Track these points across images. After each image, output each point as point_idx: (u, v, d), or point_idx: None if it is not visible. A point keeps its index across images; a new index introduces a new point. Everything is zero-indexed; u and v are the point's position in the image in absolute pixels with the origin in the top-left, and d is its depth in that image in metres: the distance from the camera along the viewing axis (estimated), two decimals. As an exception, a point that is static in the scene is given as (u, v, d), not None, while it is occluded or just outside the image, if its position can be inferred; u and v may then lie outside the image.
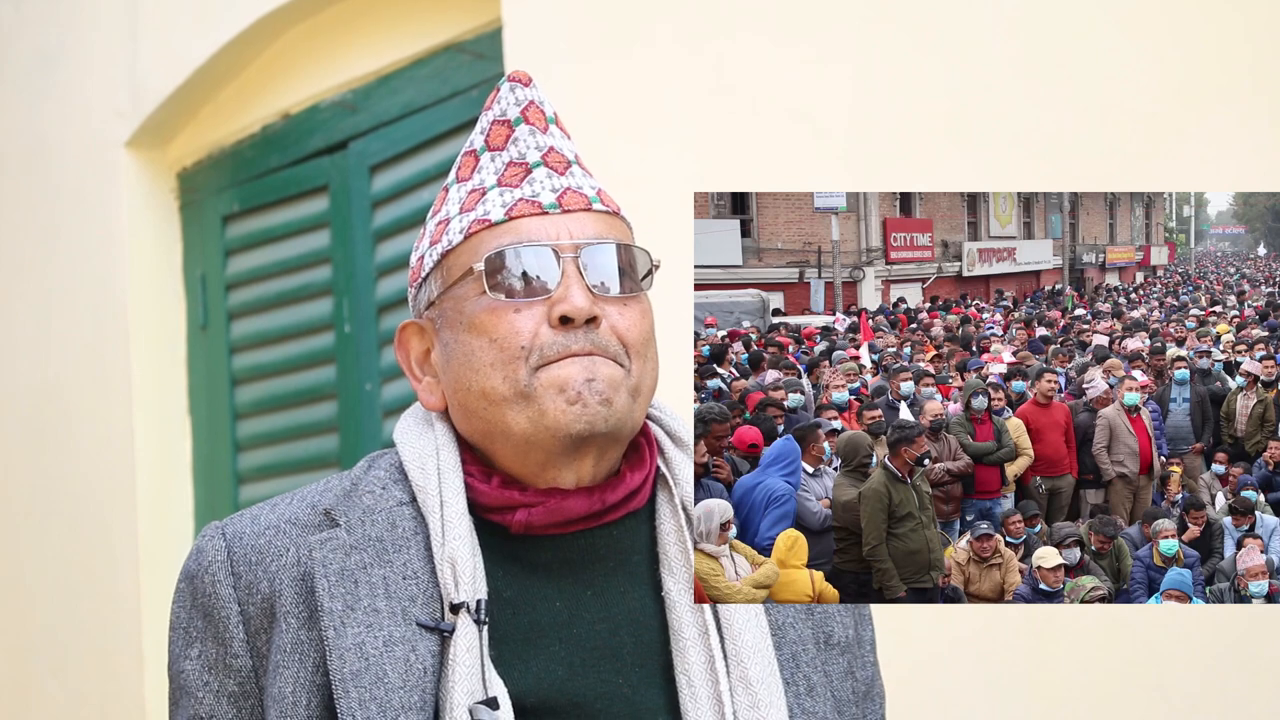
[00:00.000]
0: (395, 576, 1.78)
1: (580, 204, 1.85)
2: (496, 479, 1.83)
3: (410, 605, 1.77)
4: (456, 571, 1.76)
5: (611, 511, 1.84)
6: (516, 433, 1.80)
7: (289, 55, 5.07)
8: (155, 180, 5.46)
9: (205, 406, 5.39)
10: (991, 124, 3.50)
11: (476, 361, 1.81)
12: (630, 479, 1.85)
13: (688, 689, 1.79)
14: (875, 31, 3.67)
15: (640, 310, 1.84)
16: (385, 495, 1.83)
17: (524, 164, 1.86)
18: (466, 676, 1.73)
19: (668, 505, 1.87)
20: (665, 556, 1.84)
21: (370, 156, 4.87)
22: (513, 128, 1.89)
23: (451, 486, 1.81)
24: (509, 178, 1.86)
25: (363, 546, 1.79)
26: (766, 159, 3.82)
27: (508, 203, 1.85)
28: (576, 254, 1.81)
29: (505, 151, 1.88)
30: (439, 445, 1.84)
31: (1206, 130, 3.26)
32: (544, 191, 1.85)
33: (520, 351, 1.79)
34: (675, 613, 1.82)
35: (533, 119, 1.89)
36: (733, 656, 1.80)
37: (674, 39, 3.97)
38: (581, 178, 1.88)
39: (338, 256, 4.99)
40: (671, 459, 1.89)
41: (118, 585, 5.35)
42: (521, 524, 1.82)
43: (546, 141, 1.88)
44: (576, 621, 1.80)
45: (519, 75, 1.92)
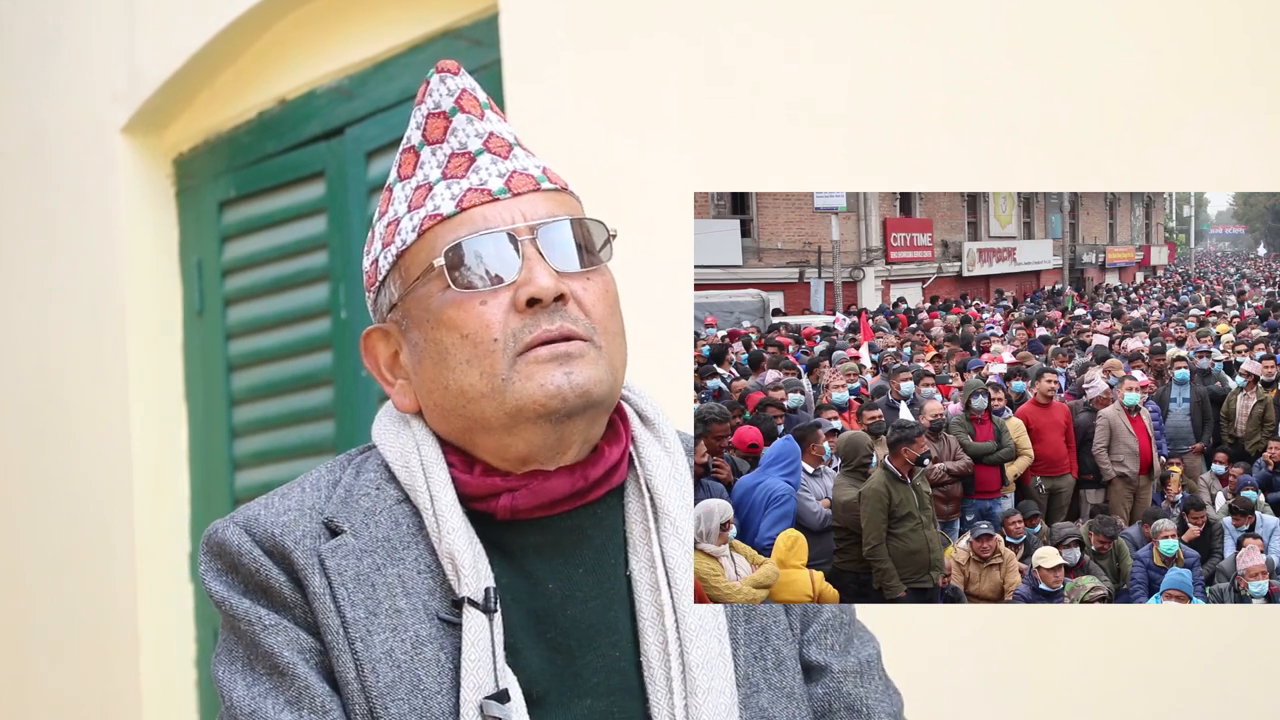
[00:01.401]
0: (410, 573, 1.78)
1: (529, 185, 1.84)
2: (478, 468, 1.82)
3: (430, 599, 1.76)
4: (457, 565, 1.76)
5: (594, 489, 1.83)
6: (498, 426, 1.79)
7: (285, 41, 5.06)
8: (152, 166, 5.44)
9: (201, 392, 5.38)
10: (991, 118, 3.49)
11: (451, 359, 1.80)
12: (609, 454, 1.85)
13: (647, 670, 1.79)
14: (875, 25, 3.65)
15: (603, 284, 1.84)
16: (381, 495, 1.82)
17: (466, 153, 1.85)
18: (474, 669, 1.73)
19: (633, 485, 1.86)
20: (630, 536, 1.84)
21: (366, 142, 4.86)
22: (449, 118, 1.87)
23: (438, 480, 1.81)
24: (453, 169, 1.85)
25: (372, 549, 1.79)
26: (766, 157, 3.80)
27: (456, 194, 1.83)
28: (534, 235, 1.81)
29: (445, 143, 1.86)
30: (418, 441, 1.84)
31: (1206, 130, 3.25)
32: (491, 178, 1.84)
33: (494, 344, 1.78)
34: (637, 592, 1.82)
35: (468, 107, 1.88)
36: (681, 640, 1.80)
37: (672, 26, 3.95)
38: (525, 159, 1.87)
39: (334, 242, 4.98)
40: (639, 438, 1.88)
41: (114, 572, 5.34)
42: (507, 509, 1.81)
43: (485, 128, 1.87)
44: (571, 602, 1.80)
45: (447, 65, 1.91)
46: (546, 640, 1.79)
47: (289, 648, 1.76)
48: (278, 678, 1.76)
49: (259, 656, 1.78)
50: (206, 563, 1.83)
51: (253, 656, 1.78)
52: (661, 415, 1.91)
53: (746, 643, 1.84)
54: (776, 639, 1.85)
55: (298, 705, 1.74)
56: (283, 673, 1.76)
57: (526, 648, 1.78)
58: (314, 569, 1.77)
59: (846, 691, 1.89)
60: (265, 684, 1.76)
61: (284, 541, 1.79)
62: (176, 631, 5.34)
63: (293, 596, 1.78)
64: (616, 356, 1.83)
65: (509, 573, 1.80)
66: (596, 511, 1.84)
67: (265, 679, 1.76)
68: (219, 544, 1.82)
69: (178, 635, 5.35)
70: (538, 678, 1.77)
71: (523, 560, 1.81)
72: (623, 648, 1.80)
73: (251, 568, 1.80)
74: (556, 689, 1.77)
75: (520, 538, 1.81)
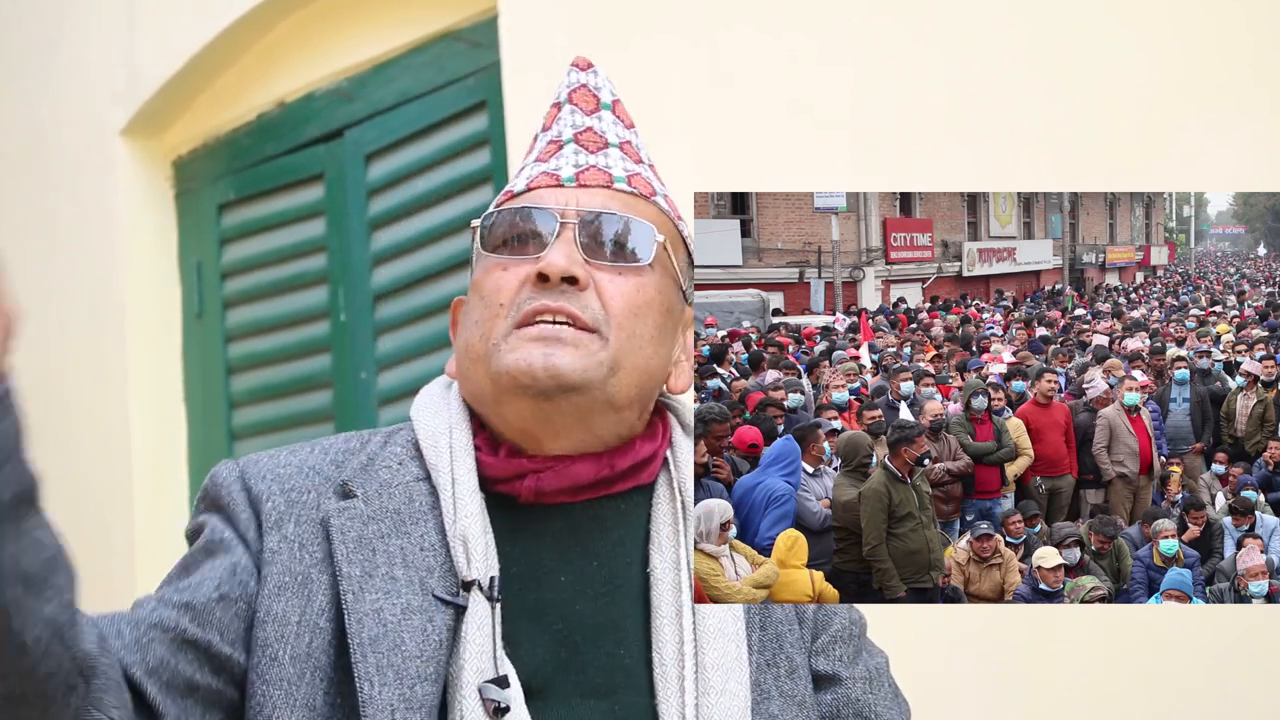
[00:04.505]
0: (413, 548, 1.78)
1: (600, 180, 1.88)
2: (504, 449, 1.83)
3: (428, 576, 1.76)
4: (469, 548, 1.76)
5: (620, 481, 1.84)
6: (488, 393, 1.82)
7: (285, 43, 5.06)
8: (151, 168, 5.44)
9: (201, 395, 5.38)
10: (991, 118, 3.49)
11: (469, 319, 1.85)
12: (640, 448, 1.85)
13: (659, 667, 1.79)
14: (875, 25, 3.65)
15: (636, 284, 1.84)
16: (402, 470, 1.83)
17: (558, 141, 1.92)
18: (477, 654, 1.73)
19: (666, 487, 1.87)
20: (656, 534, 1.84)
21: (366, 145, 4.86)
22: (559, 108, 1.96)
23: (463, 465, 1.81)
24: (544, 154, 1.92)
25: (380, 518, 1.79)
26: (766, 157, 3.80)
27: (531, 175, 1.90)
28: (577, 220, 1.83)
29: (550, 131, 1.94)
30: (452, 424, 1.85)
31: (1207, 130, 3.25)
32: (565, 166, 1.89)
33: (499, 309, 1.81)
34: (657, 590, 1.81)
35: (578, 100, 1.95)
36: (698, 641, 1.80)
37: (672, 28, 3.96)
38: (616, 159, 1.91)
39: (333, 245, 4.98)
40: (678, 445, 1.90)
41: (112, 573, 5.33)
42: (531, 490, 1.82)
43: (585, 122, 1.93)
44: (581, 597, 1.80)
45: (578, 61, 1.99)
46: (551, 632, 1.78)
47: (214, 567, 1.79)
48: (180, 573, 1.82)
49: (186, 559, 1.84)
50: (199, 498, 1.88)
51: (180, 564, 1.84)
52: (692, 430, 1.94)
53: (760, 649, 1.84)
54: (790, 647, 1.86)
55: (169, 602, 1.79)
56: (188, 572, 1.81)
57: (528, 639, 1.78)
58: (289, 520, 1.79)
59: (855, 698, 1.89)
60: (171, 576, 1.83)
61: (269, 487, 1.82)
62: (177, 634, 5.34)
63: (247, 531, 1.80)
64: (631, 357, 1.82)
65: (521, 560, 1.80)
66: (620, 505, 1.85)
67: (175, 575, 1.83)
68: (211, 476, 1.87)
69: (178, 637, 5.35)
70: (538, 670, 1.76)
71: (538, 548, 1.81)
72: (629, 646, 1.80)
73: (224, 500, 1.83)
74: (558, 684, 1.77)
75: (540, 522, 1.82)
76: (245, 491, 1.83)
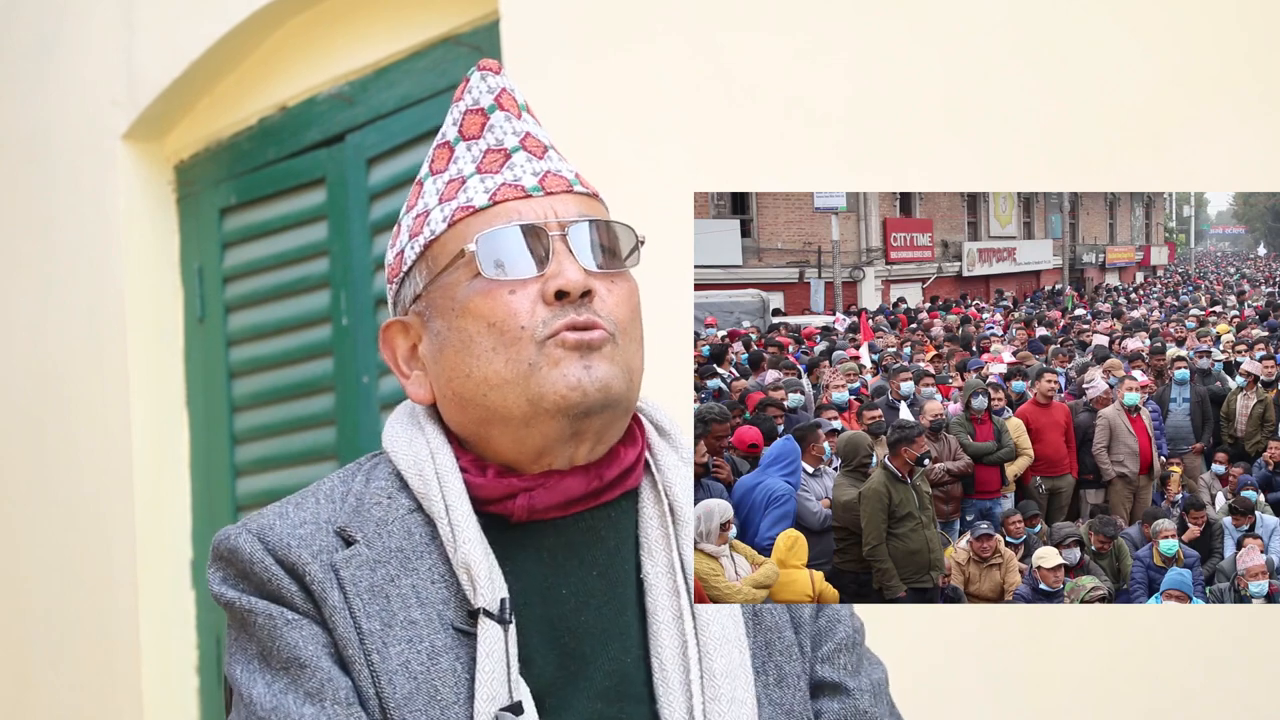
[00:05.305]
0: (424, 583, 1.78)
1: (562, 186, 1.86)
2: (492, 470, 1.82)
3: (444, 609, 1.76)
4: (473, 576, 1.76)
5: (609, 490, 1.84)
6: (517, 416, 1.79)
7: (286, 48, 5.06)
8: (152, 173, 5.44)
9: (203, 399, 5.38)
10: (991, 118, 3.49)
11: (476, 347, 1.81)
12: (625, 455, 1.85)
13: (660, 672, 1.79)
14: (875, 25, 3.66)
15: (627, 289, 1.85)
16: (393, 505, 1.82)
17: (502, 149, 1.87)
18: (488, 681, 1.73)
19: (651, 490, 1.87)
20: (645, 539, 1.85)
21: (367, 149, 4.86)
22: (487, 115, 1.90)
23: (454, 490, 1.80)
24: (488, 164, 1.87)
25: (386, 559, 1.78)
26: (766, 157, 3.80)
27: (490, 188, 1.85)
28: (564, 232, 1.82)
29: (482, 139, 1.89)
30: (433, 449, 1.83)
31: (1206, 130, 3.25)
32: (525, 175, 1.86)
33: (521, 332, 1.79)
34: (651, 596, 1.82)
35: (507, 105, 1.91)
36: (703, 647, 1.80)
37: (672, 29, 3.96)
38: (559, 162, 1.89)
39: (335, 249, 4.98)
40: (655, 446, 1.89)
41: (115, 577, 5.34)
42: (524, 509, 1.81)
43: (523, 127, 1.89)
44: (584, 608, 1.81)
45: (488, 64, 1.94)
46: (560, 646, 1.79)
47: (311, 642, 1.75)
48: (297, 670, 1.74)
49: (276, 652, 1.76)
50: (215, 569, 1.82)
51: (269, 653, 1.76)
52: (678, 428, 1.92)
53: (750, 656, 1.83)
54: (779, 655, 1.85)
55: (319, 698, 1.73)
56: (303, 665, 1.74)
57: (540, 655, 1.78)
58: (331, 583, 1.76)
59: (864, 710, 1.89)
60: (285, 679, 1.75)
61: (300, 554, 1.78)
62: (177, 639, 5.35)
63: (305, 606, 1.77)
64: (633, 360, 1.83)
65: (523, 579, 1.80)
66: (610, 514, 1.85)
67: (284, 674, 1.75)
68: (230, 550, 1.81)
69: (179, 642, 5.35)
70: (550, 685, 1.77)
71: (537, 566, 1.81)
72: (632, 651, 1.80)
73: (263, 577, 1.78)
74: (568, 695, 1.77)
75: (534, 540, 1.81)
76: (279, 564, 1.78)
